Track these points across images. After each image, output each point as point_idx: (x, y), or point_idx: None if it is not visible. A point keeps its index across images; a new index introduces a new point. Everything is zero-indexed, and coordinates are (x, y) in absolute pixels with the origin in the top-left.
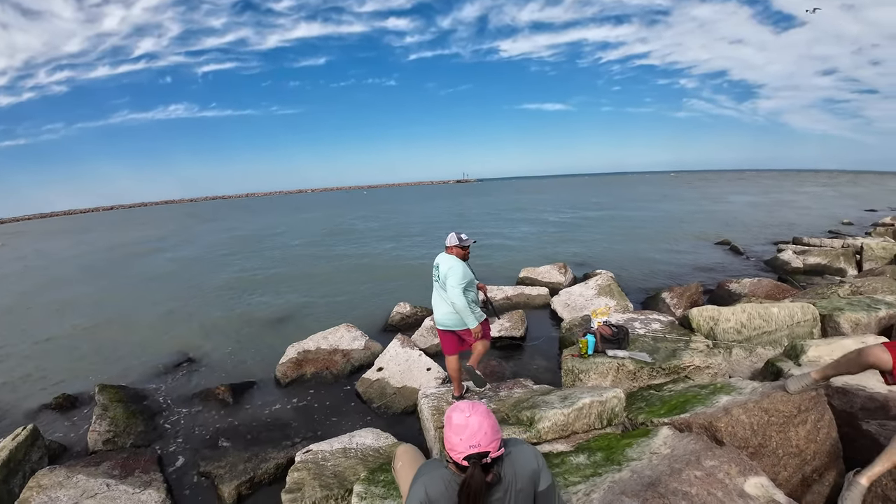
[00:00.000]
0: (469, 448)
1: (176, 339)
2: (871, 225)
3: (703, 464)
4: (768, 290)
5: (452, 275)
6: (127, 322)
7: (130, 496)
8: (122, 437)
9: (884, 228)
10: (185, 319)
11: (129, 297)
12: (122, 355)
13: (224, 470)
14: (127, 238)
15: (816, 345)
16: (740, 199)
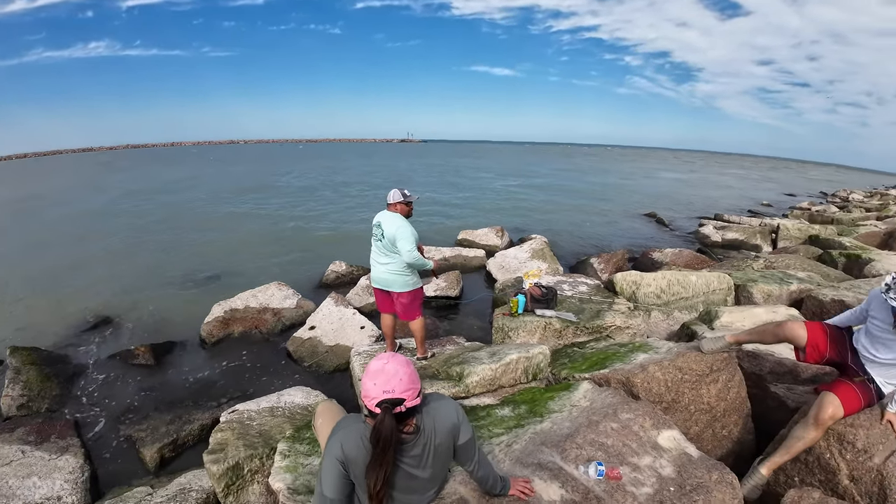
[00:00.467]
0: (383, 393)
1: (91, 297)
2: (788, 208)
3: (619, 416)
4: (688, 259)
5: (403, 235)
6: (38, 280)
7: (47, 462)
8: (36, 401)
9: (800, 211)
10: (101, 276)
11: (40, 254)
12: (34, 315)
13: (145, 433)
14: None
15: (729, 311)
16: (670, 175)
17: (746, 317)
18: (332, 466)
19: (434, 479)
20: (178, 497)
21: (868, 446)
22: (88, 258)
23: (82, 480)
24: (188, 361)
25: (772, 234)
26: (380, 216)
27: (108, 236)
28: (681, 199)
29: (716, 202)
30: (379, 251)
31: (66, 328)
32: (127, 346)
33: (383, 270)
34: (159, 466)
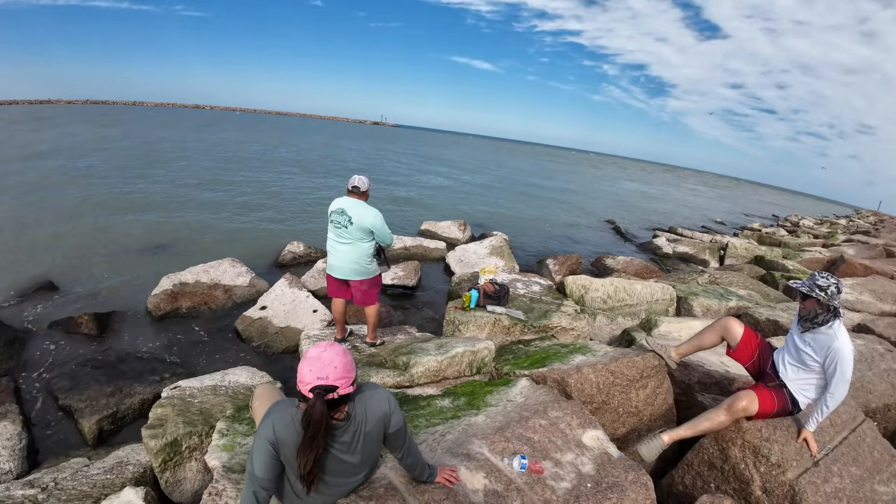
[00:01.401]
0: (316, 379)
1: (34, 260)
2: (740, 227)
3: (548, 414)
4: (638, 268)
5: (379, 221)
6: None
7: None
8: None
9: (751, 232)
10: (47, 239)
11: None
12: None
13: (84, 404)
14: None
15: (668, 321)
16: (632, 185)
17: (683, 328)
18: (263, 447)
19: (363, 464)
20: (115, 470)
21: (782, 461)
22: (34, 219)
23: (19, 448)
24: (133, 334)
25: (720, 250)
26: (342, 203)
27: (58, 197)
28: (639, 210)
29: (672, 215)
30: (341, 238)
31: (8, 292)
32: (70, 313)
33: (346, 260)
34: (98, 438)
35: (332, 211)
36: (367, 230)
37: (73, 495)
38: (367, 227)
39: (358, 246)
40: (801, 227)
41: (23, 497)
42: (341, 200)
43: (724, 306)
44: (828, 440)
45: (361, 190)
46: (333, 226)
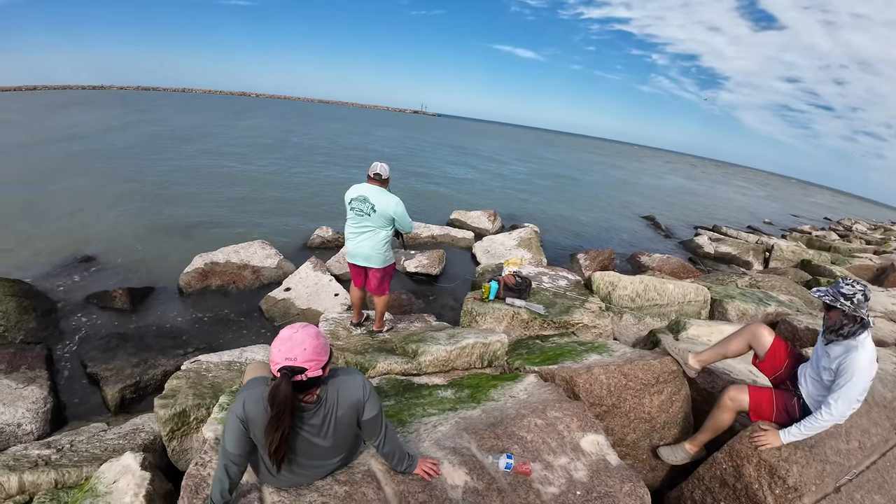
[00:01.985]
0: (285, 360)
1: (78, 235)
2: (789, 228)
3: (547, 413)
4: (674, 267)
5: (401, 208)
6: (27, 213)
7: (13, 391)
8: (12, 331)
9: (800, 234)
10: (90, 215)
11: (33, 187)
12: (20, 249)
13: (110, 373)
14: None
15: (698, 325)
16: (677, 179)
17: (714, 332)
18: (234, 423)
19: (336, 448)
20: (129, 436)
21: (800, 485)
22: (82, 197)
23: (44, 411)
24: (163, 309)
25: (765, 252)
26: (364, 190)
27: (106, 177)
28: (682, 205)
29: (716, 213)
30: (361, 225)
31: (51, 264)
32: (106, 287)
33: (365, 246)
34: (119, 406)
35: (352, 198)
36: (389, 217)
37: (84, 457)
38: (390, 214)
39: (377, 233)
40: (853, 232)
41: (37, 456)
42: (362, 187)
43: (762, 311)
44: (854, 464)
45: (383, 177)
46: (354, 213)
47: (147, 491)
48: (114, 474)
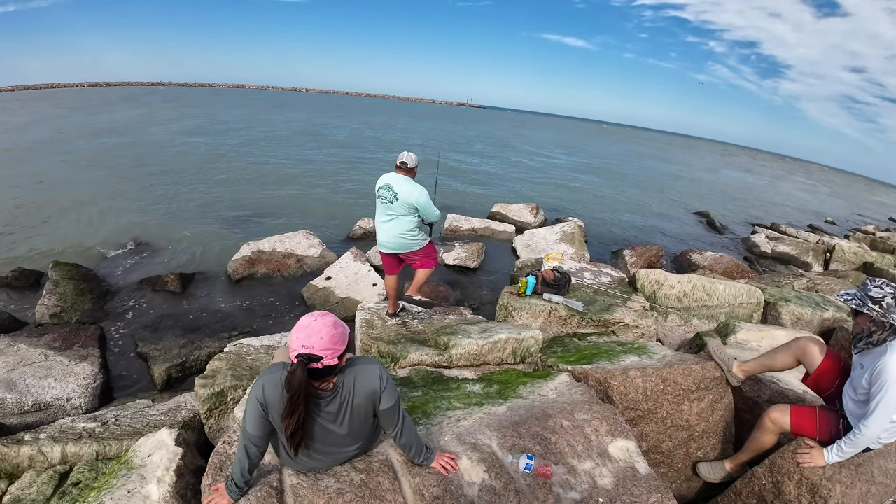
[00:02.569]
0: (301, 347)
1: (137, 222)
2: (852, 229)
3: (575, 415)
4: (727, 266)
5: (424, 198)
6: (91, 203)
7: (65, 367)
8: (68, 312)
9: (863, 235)
10: (149, 204)
11: (98, 178)
12: (83, 235)
13: (159, 353)
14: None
15: (748, 329)
16: (734, 173)
17: (765, 338)
18: (253, 406)
19: (353, 436)
20: (171, 413)
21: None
22: (140, 187)
23: (93, 387)
24: (211, 293)
25: (826, 253)
26: (389, 178)
27: (163, 169)
28: (739, 202)
29: (775, 210)
30: (386, 213)
31: (108, 249)
32: (158, 272)
33: (391, 234)
34: (166, 384)
35: (379, 186)
36: (411, 206)
37: (127, 431)
38: (412, 203)
39: (400, 220)
40: None
41: (82, 429)
42: (388, 176)
43: (818, 317)
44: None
45: (409, 166)
46: (380, 201)
47: (178, 465)
48: (149, 448)
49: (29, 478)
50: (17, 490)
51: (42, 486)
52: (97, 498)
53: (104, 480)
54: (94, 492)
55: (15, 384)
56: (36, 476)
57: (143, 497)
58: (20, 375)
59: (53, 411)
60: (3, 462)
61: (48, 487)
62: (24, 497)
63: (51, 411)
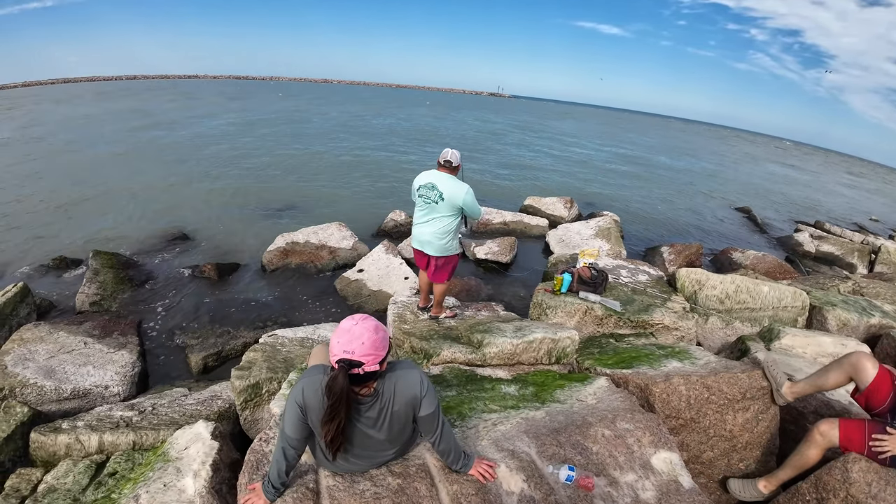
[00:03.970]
0: (343, 353)
1: (175, 213)
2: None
3: (617, 424)
4: (770, 266)
5: (471, 197)
6: (131, 193)
7: (104, 355)
8: (108, 300)
9: None
10: (187, 195)
11: (137, 169)
12: (123, 224)
13: (196, 341)
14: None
15: (793, 334)
16: (776, 168)
17: (810, 344)
18: (293, 409)
19: (392, 441)
20: (207, 402)
21: None
22: (179, 178)
23: (131, 374)
24: (246, 283)
25: (871, 254)
26: (433, 177)
27: (202, 161)
28: (782, 198)
29: (820, 207)
30: (427, 213)
31: (148, 238)
32: (196, 262)
33: (429, 234)
34: (202, 372)
35: (420, 185)
36: (458, 206)
37: (163, 421)
38: (459, 203)
39: (442, 220)
40: None
41: (120, 418)
42: (431, 174)
43: (864, 323)
44: None
45: (453, 164)
46: (423, 200)
47: (214, 460)
48: (186, 441)
49: (65, 467)
50: (53, 479)
51: (78, 476)
52: (133, 490)
53: (140, 472)
54: (131, 483)
55: (54, 371)
56: (72, 465)
57: (178, 491)
58: (60, 363)
59: (91, 399)
60: (40, 450)
61: (84, 477)
62: (59, 486)
63: (89, 399)
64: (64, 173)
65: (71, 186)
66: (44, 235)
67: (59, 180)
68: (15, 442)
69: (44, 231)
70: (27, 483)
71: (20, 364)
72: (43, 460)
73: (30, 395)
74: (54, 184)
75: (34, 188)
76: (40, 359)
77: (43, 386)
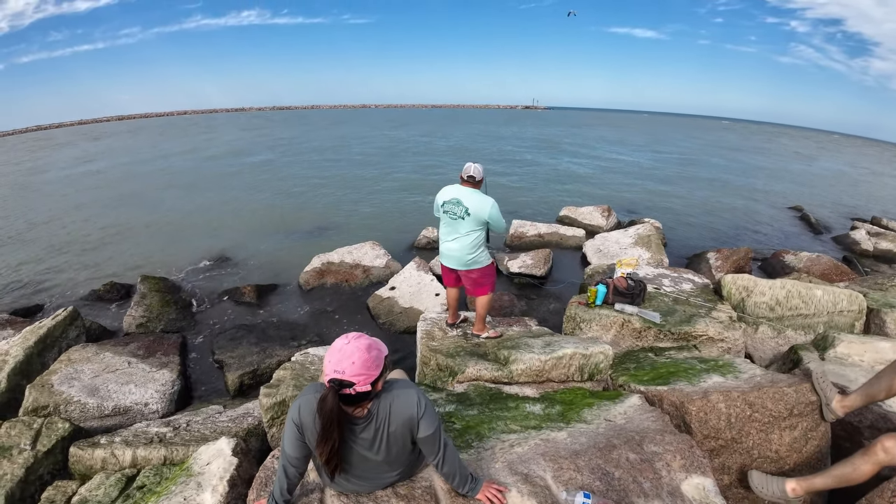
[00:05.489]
0: (333, 372)
1: (218, 238)
2: None
3: (644, 447)
4: (825, 268)
5: (496, 211)
6: (179, 219)
7: (146, 373)
8: (154, 322)
9: None
10: (229, 220)
11: (181, 197)
12: (170, 249)
13: (233, 360)
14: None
15: (849, 341)
16: (829, 164)
17: (868, 350)
18: (290, 427)
19: (392, 464)
20: (239, 419)
21: None
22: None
23: (171, 392)
24: (283, 303)
25: None
26: (457, 192)
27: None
28: (836, 194)
29: (877, 202)
30: (453, 228)
31: (193, 263)
32: (237, 283)
33: (456, 249)
34: (238, 390)
35: (444, 201)
36: (483, 220)
37: (196, 437)
38: (485, 218)
39: (470, 235)
40: None
41: (155, 433)
42: (454, 189)
43: None
44: None
45: (476, 179)
46: (448, 216)
47: (231, 476)
48: (208, 456)
49: (98, 480)
50: (86, 491)
51: (108, 489)
52: (156, 502)
53: (165, 486)
54: (155, 496)
55: (98, 389)
56: (105, 478)
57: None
58: (103, 381)
59: (132, 415)
60: (78, 464)
61: (114, 490)
62: (90, 498)
63: (129, 415)
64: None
65: (123, 215)
66: (95, 263)
67: (110, 210)
68: (55, 456)
69: (95, 259)
70: (62, 495)
71: (66, 383)
72: (80, 473)
73: (73, 411)
74: (105, 214)
75: (90, 219)
76: (85, 378)
77: (86, 403)
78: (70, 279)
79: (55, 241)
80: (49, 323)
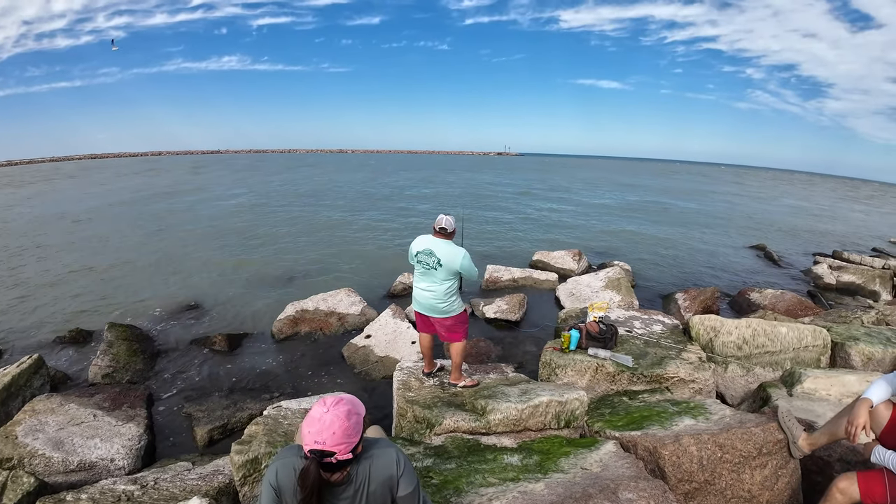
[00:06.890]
0: (314, 443)
1: (189, 285)
2: None
3: (618, 495)
4: (790, 305)
5: (468, 261)
6: (146, 264)
7: (112, 427)
8: (120, 372)
9: None
10: (200, 267)
11: (152, 241)
12: (137, 296)
13: (203, 413)
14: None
15: (815, 376)
16: (788, 201)
17: (834, 384)
18: (267, 490)
19: None
20: (208, 477)
21: None
22: (190, 250)
23: (137, 448)
24: (256, 353)
25: (893, 278)
26: (429, 243)
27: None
28: (797, 230)
29: (837, 236)
30: (426, 278)
31: (161, 310)
32: (207, 332)
33: (429, 298)
34: (207, 445)
35: (418, 251)
36: (455, 271)
37: (164, 495)
38: (456, 268)
39: (443, 284)
40: None
41: (122, 492)
42: (427, 240)
43: (890, 354)
44: None
45: (448, 231)
46: (421, 266)
47: None
48: None
49: None
50: None
51: None
52: None
53: None
54: None
55: (63, 443)
56: None
57: None
58: (68, 435)
59: (97, 471)
60: None
61: None
62: None
63: (95, 471)
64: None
65: (88, 258)
66: (61, 308)
67: (77, 254)
68: None
69: (60, 304)
70: None
71: (30, 434)
72: None
73: (38, 465)
74: (72, 257)
75: (54, 261)
76: (50, 430)
77: (51, 457)
78: (33, 324)
79: (19, 282)
80: (13, 371)
